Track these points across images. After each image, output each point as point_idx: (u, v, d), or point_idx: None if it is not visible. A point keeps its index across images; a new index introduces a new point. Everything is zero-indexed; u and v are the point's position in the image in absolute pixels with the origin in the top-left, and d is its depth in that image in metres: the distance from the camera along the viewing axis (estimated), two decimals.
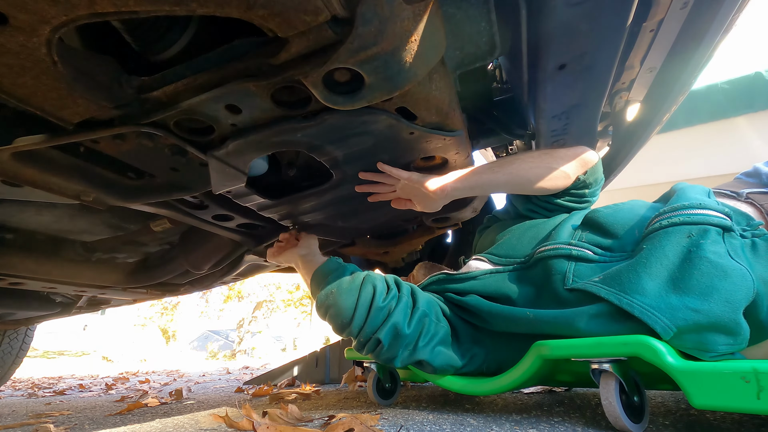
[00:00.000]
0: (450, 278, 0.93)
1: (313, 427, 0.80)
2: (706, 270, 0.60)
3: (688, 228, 0.64)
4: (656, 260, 0.64)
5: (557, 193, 0.91)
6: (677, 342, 0.60)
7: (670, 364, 0.57)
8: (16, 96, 0.50)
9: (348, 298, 0.81)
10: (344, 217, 1.14)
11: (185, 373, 4.02)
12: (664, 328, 0.60)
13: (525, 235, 0.89)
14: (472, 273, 0.90)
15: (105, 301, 1.67)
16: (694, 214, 0.65)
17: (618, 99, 1.07)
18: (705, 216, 0.64)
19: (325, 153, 0.77)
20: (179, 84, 0.54)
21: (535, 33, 0.70)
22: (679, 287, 0.61)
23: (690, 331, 0.59)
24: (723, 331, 0.57)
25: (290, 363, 2.00)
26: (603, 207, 0.82)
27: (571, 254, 0.76)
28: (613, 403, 0.61)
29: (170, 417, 1.11)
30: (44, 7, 0.38)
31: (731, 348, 0.58)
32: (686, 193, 0.71)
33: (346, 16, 0.46)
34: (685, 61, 0.88)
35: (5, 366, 2.08)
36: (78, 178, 0.73)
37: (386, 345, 0.80)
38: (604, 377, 0.64)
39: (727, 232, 0.63)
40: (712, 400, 0.53)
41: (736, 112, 3.15)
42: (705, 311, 0.58)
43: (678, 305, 0.60)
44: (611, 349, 0.63)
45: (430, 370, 0.85)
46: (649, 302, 0.62)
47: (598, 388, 0.64)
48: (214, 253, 1.22)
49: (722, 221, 0.63)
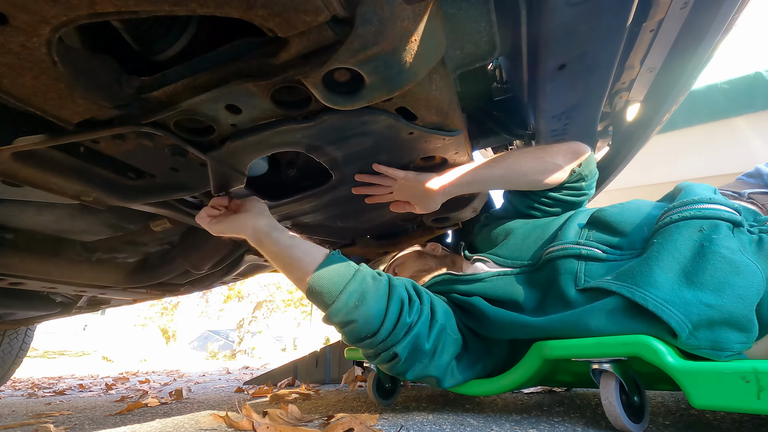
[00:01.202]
0: (456, 279, 0.91)
1: (313, 427, 0.80)
2: (720, 265, 0.59)
3: (699, 222, 0.64)
4: (668, 254, 0.63)
5: (554, 187, 0.91)
6: (693, 342, 0.58)
7: (670, 364, 0.57)
8: (16, 96, 0.50)
9: (376, 311, 0.73)
10: (344, 218, 1.14)
11: (185, 373, 4.02)
12: (679, 323, 0.58)
13: (530, 236, 0.88)
14: (479, 275, 0.88)
15: (105, 301, 1.67)
16: (705, 209, 0.64)
17: (618, 99, 1.07)
18: (716, 211, 0.64)
19: (325, 154, 0.77)
20: (179, 84, 0.54)
21: (535, 33, 0.70)
22: (692, 282, 0.60)
23: (704, 327, 0.58)
24: (736, 327, 0.57)
25: (290, 363, 2.00)
26: (608, 206, 0.81)
27: (580, 254, 0.74)
28: (613, 403, 0.61)
29: (170, 417, 1.11)
30: (44, 7, 0.38)
31: (744, 346, 0.57)
32: (694, 190, 0.71)
33: (346, 16, 0.46)
34: (685, 61, 0.88)
35: (5, 366, 2.08)
36: (78, 178, 0.73)
37: (403, 359, 0.75)
38: (604, 377, 0.64)
39: (737, 228, 0.62)
40: (713, 400, 0.53)
41: (736, 112, 3.15)
42: (718, 306, 0.57)
43: (691, 300, 0.59)
44: (611, 349, 0.63)
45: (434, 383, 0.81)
46: (662, 296, 0.61)
47: (598, 388, 0.64)
48: (214, 253, 1.22)
49: (732, 216, 0.63)
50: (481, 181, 0.88)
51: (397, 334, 0.74)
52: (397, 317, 0.74)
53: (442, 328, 0.79)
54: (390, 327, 0.73)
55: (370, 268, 0.79)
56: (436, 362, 0.78)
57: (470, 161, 0.92)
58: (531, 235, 0.88)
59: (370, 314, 0.72)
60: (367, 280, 0.75)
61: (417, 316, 0.76)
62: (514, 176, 0.88)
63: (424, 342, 0.75)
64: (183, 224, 1.07)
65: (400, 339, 0.74)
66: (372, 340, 0.74)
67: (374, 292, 0.74)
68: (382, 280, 0.78)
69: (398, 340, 0.74)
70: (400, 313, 0.75)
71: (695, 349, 0.59)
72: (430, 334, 0.77)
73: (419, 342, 0.75)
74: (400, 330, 0.74)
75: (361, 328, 0.73)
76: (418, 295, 0.81)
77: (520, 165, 0.88)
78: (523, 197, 0.96)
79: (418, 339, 0.75)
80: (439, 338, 0.78)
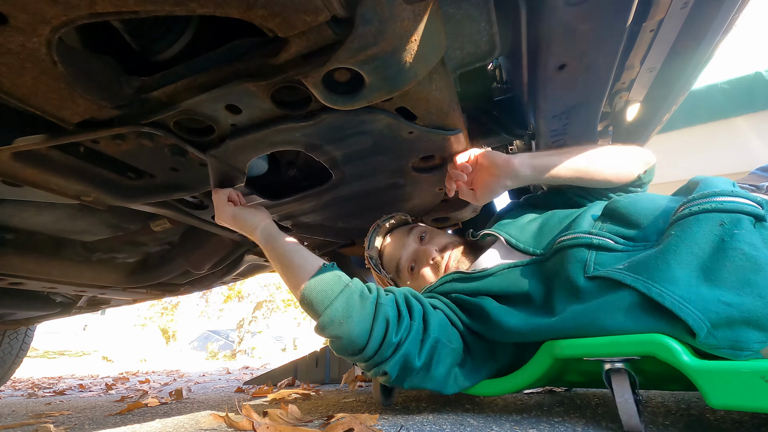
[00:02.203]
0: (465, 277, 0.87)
1: (313, 427, 0.80)
2: (740, 262, 0.57)
3: (719, 216, 0.61)
4: (686, 248, 0.61)
5: (612, 189, 0.90)
6: (711, 341, 0.56)
7: (686, 364, 0.55)
8: (16, 96, 0.50)
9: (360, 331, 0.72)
10: (344, 218, 1.14)
11: (185, 373, 4.02)
12: (697, 322, 0.56)
13: (546, 225, 0.86)
14: (489, 269, 0.85)
15: (105, 301, 1.67)
16: (726, 201, 0.62)
17: (618, 99, 1.07)
18: (737, 204, 0.61)
19: (324, 153, 0.77)
20: (179, 84, 0.54)
21: (535, 33, 0.70)
22: (710, 278, 0.58)
23: (723, 326, 0.56)
24: (756, 326, 0.54)
25: (290, 363, 2.00)
26: (622, 197, 0.79)
27: (591, 243, 0.72)
28: (630, 402, 0.59)
29: (170, 417, 1.11)
30: (44, 7, 0.38)
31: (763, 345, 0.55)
32: (713, 182, 0.69)
33: (346, 16, 0.46)
34: (685, 61, 0.88)
35: (5, 366, 2.09)
36: (78, 178, 0.73)
37: (393, 376, 0.75)
38: (617, 376, 0.62)
39: (759, 222, 0.60)
40: (730, 399, 0.52)
41: (736, 112, 3.16)
42: (737, 305, 0.55)
43: (709, 297, 0.57)
44: (626, 348, 0.61)
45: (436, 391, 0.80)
46: (679, 293, 0.59)
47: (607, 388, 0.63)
48: (214, 253, 1.22)
49: (755, 210, 0.60)
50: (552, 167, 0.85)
51: (383, 353, 0.73)
52: (382, 337, 0.73)
53: (435, 341, 0.77)
54: (375, 347, 0.72)
55: (361, 283, 0.78)
56: (431, 375, 0.76)
57: None
58: (547, 224, 0.86)
59: (353, 333, 0.72)
60: (353, 297, 0.74)
61: (406, 334, 0.75)
62: (594, 170, 0.86)
63: (414, 359, 0.74)
64: (183, 224, 1.07)
65: (387, 358, 0.73)
66: (360, 357, 0.73)
67: (359, 310, 0.73)
68: (370, 298, 0.76)
69: (385, 358, 0.73)
70: (385, 333, 0.73)
71: (714, 349, 0.56)
72: (422, 350, 0.75)
73: (409, 360, 0.74)
74: (386, 349, 0.73)
75: (347, 345, 0.73)
76: (409, 309, 0.79)
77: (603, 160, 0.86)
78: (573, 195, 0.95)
79: (408, 357, 0.74)
80: (432, 352, 0.76)
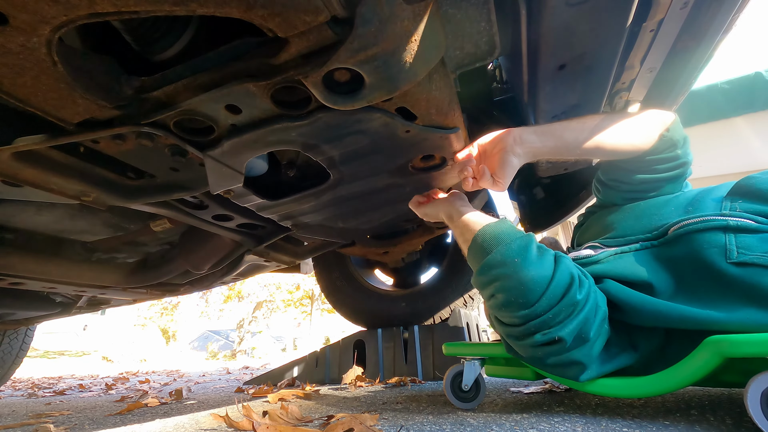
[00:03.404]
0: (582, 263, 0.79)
1: (313, 427, 0.80)
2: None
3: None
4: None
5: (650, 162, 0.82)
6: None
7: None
8: (16, 96, 0.50)
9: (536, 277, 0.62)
10: (344, 218, 1.14)
11: (185, 373, 4.02)
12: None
13: (645, 213, 0.79)
14: (594, 256, 0.78)
15: (105, 301, 1.67)
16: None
17: (618, 99, 1.07)
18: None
19: (321, 152, 0.77)
20: (179, 84, 0.54)
21: (535, 33, 0.70)
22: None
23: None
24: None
25: (290, 363, 2.00)
26: (757, 173, 0.71)
27: (727, 225, 0.64)
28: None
29: (170, 417, 1.11)
30: (44, 7, 0.38)
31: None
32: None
33: (346, 16, 0.46)
34: (685, 61, 0.88)
35: (5, 366, 2.09)
36: (78, 178, 0.73)
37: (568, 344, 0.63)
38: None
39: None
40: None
41: (736, 112, 3.16)
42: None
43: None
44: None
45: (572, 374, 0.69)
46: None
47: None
48: (214, 253, 1.22)
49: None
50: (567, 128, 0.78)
51: (560, 312, 0.62)
52: (564, 291, 0.63)
53: (604, 318, 0.68)
54: (552, 301, 0.62)
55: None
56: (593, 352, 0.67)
57: None
58: (646, 212, 0.80)
59: (527, 276, 0.62)
60: (533, 245, 0.67)
61: (585, 296, 0.65)
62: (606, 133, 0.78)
63: (591, 328, 0.64)
64: (183, 224, 1.07)
65: (563, 320, 0.63)
66: (524, 314, 0.63)
67: (537, 257, 0.65)
68: (549, 251, 0.69)
69: (561, 320, 0.63)
70: (568, 288, 0.63)
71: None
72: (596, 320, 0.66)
73: (586, 328, 0.63)
74: (565, 308, 0.62)
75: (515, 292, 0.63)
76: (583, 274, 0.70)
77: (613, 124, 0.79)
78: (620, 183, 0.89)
79: (586, 324, 0.63)
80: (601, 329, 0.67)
